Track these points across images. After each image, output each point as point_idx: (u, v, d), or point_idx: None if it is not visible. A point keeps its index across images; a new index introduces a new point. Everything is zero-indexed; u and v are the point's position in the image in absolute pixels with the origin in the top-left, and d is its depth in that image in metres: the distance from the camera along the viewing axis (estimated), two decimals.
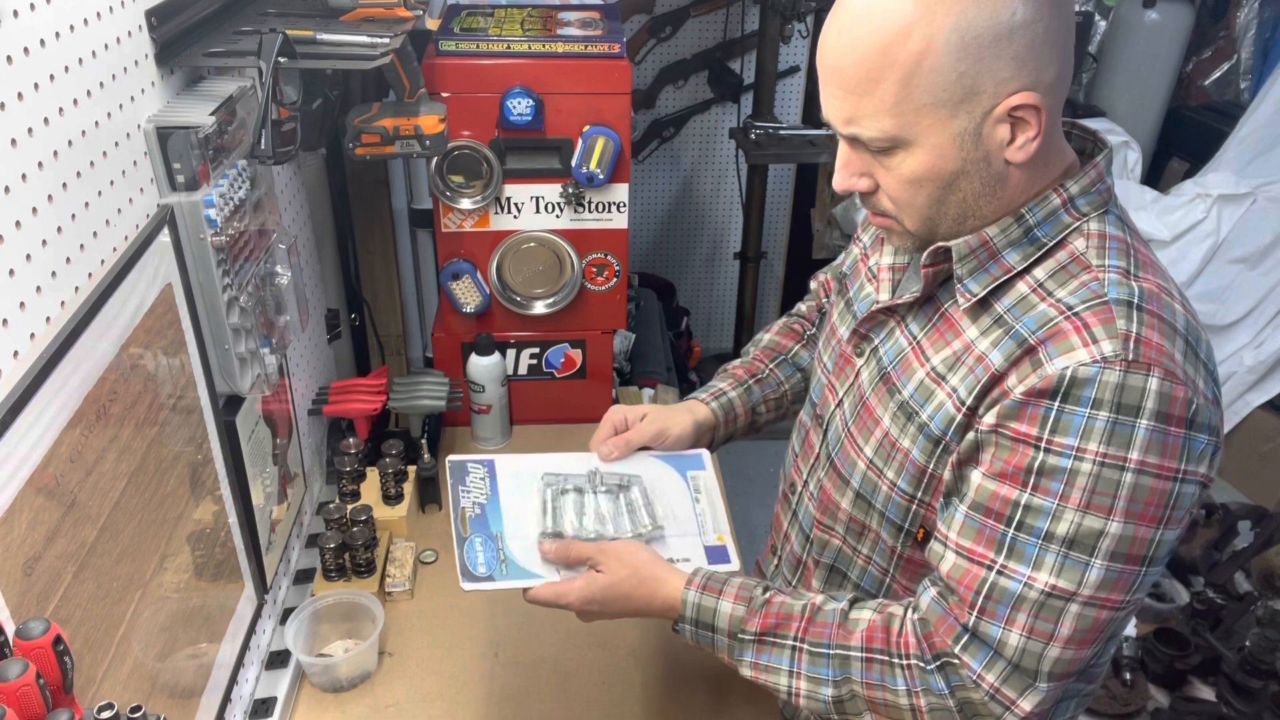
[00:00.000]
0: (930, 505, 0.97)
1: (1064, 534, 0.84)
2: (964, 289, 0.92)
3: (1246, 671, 2.20)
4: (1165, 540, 0.85)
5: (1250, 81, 3.51)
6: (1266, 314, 3.19)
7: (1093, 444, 0.82)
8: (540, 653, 1.48)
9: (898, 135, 0.85)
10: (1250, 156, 3.24)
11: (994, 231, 0.90)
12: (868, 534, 1.06)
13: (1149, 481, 0.82)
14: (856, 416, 1.04)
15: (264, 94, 1.13)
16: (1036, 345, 0.86)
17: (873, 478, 1.02)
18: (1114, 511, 0.83)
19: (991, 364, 0.89)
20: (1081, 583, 0.84)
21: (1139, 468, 0.82)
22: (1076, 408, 0.83)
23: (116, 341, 0.94)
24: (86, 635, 0.88)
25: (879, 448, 1.00)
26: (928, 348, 0.97)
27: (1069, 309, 0.86)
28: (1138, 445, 0.82)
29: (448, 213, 1.80)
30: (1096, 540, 0.83)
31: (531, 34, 1.78)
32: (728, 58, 3.40)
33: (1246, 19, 3.45)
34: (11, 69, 0.80)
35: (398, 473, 1.67)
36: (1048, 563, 0.85)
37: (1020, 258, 0.90)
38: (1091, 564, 0.84)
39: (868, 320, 1.05)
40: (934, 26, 0.80)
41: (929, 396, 0.95)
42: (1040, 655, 0.86)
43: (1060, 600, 0.85)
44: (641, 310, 2.85)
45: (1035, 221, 0.90)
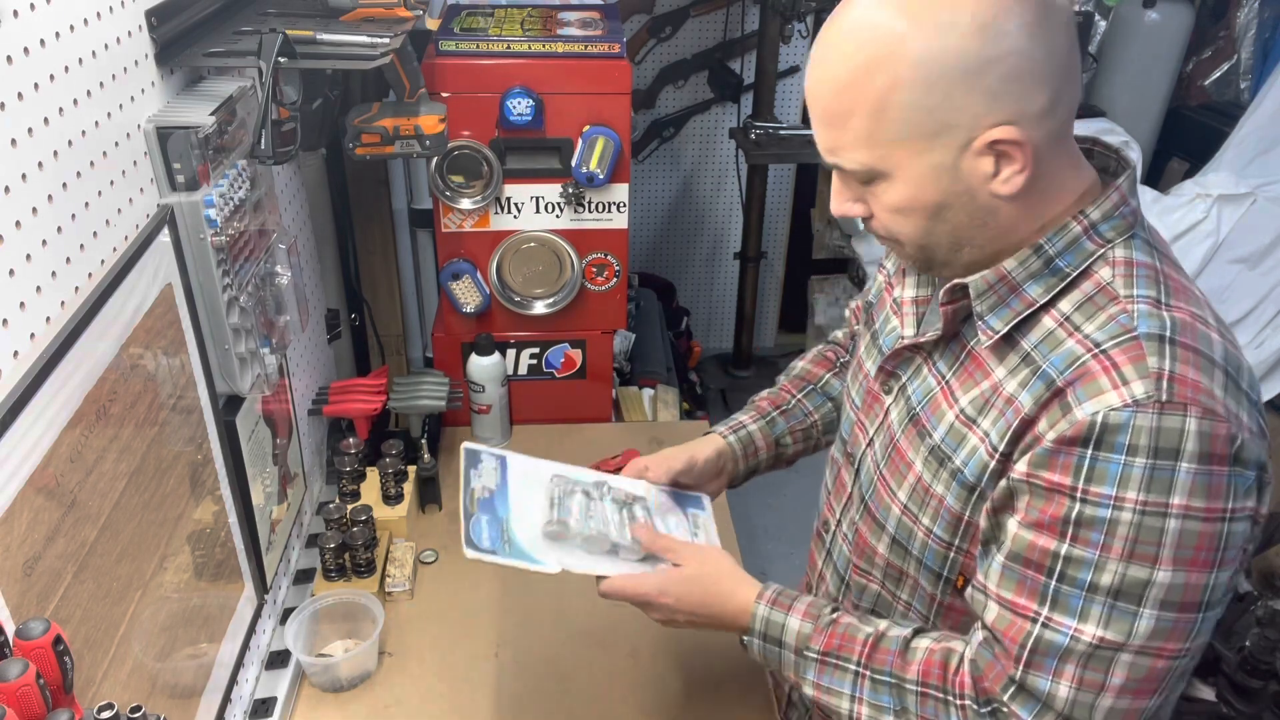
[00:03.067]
0: (969, 553, 0.94)
1: (1109, 585, 0.80)
2: (985, 326, 0.89)
3: (1246, 671, 2.20)
4: (1219, 583, 0.80)
5: (1250, 81, 3.51)
6: (1266, 314, 3.19)
7: (1131, 492, 0.78)
8: (540, 653, 1.48)
9: (874, 167, 0.85)
10: (1250, 156, 3.24)
11: (1012, 265, 0.87)
12: (906, 580, 1.02)
13: (1195, 526, 0.78)
14: (888, 459, 1.01)
15: (264, 94, 1.13)
16: (1065, 387, 0.82)
17: (908, 524, 0.98)
18: (1160, 560, 0.78)
19: (1022, 406, 0.85)
20: (1131, 634, 0.80)
21: (1183, 513, 0.78)
22: (1111, 454, 0.79)
23: (116, 341, 0.94)
24: (86, 635, 0.88)
25: (913, 493, 0.97)
26: (956, 388, 0.93)
27: (1097, 346, 0.82)
28: (1180, 490, 0.77)
29: (448, 213, 1.80)
30: (1144, 590, 0.79)
31: (531, 34, 1.78)
32: (728, 58, 3.41)
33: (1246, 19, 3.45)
34: (11, 69, 0.80)
35: (398, 473, 1.67)
36: (1094, 614, 0.81)
37: (1043, 290, 0.87)
38: (1141, 614, 0.80)
39: (894, 357, 1.02)
40: (901, 62, 0.79)
41: (961, 441, 0.91)
42: (1092, 706, 0.82)
43: (1110, 651, 0.81)
44: (641, 310, 2.85)
45: (1056, 252, 0.86)
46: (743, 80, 3.38)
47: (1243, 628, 2.33)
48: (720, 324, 3.96)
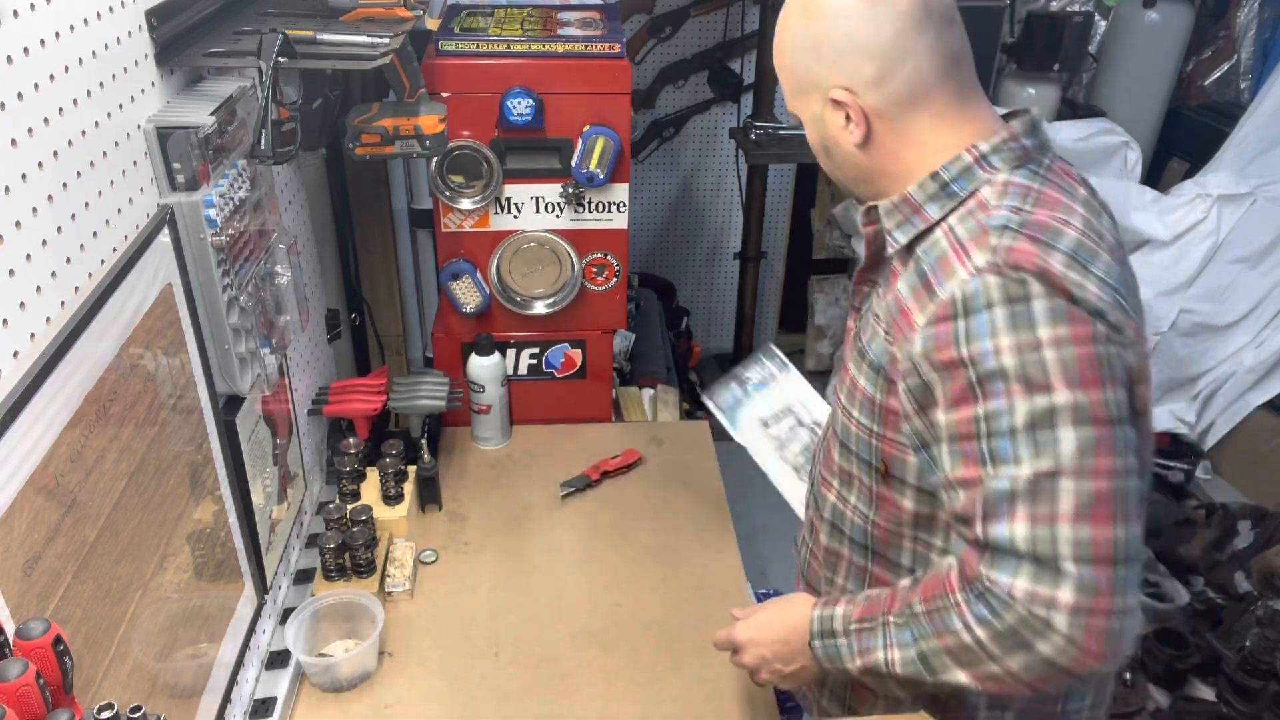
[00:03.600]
0: (885, 438, 1.06)
1: (1023, 422, 0.89)
2: (892, 239, 1.04)
3: (1246, 671, 2.20)
4: (1119, 400, 0.90)
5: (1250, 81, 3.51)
6: (1266, 314, 3.19)
7: (1003, 338, 0.90)
8: (540, 653, 1.48)
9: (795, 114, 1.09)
10: (1250, 156, 3.24)
11: (913, 189, 1.02)
12: (853, 481, 1.14)
13: (1070, 351, 0.89)
14: (842, 380, 1.16)
15: (264, 94, 1.13)
16: (930, 276, 0.97)
17: (847, 423, 1.12)
18: (1053, 386, 0.88)
19: (902, 297, 1.01)
20: (1059, 457, 0.88)
21: (1054, 342, 0.89)
22: (974, 316, 0.91)
23: (116, 341, 0.94)
24: (86, 635, 0.88)
25: (850, 394, 1.11)
26: (878, 298, 1.08)
27: (958, 241, 0.97)
28: (1041, 324, 0.89)
29: (448, 213, 1.80)
30: (1052, 415, 0.88)
31: (531, 34, 1.78)
32: (728, 58, 3.40)
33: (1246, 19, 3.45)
34: (11, 69, 0.80)
35: (398, 473, 1.67)
36: (1022, 453, 0.89)
37: (939, 209, 1.01)
38: (1058, 437, 0.88)
39: (854, 293, 1.18)
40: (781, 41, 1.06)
41: (873, 336, 1.06)
42: (1052, 539, 0.88)
43: (1048, 480, 0.88)
44: (641, 310, 2.86)
45: (950, 177, 1.00)
46: (743, 80, 3.38)
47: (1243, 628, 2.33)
48: (720, 324, 3.96)
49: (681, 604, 1.57)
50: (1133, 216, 3.22)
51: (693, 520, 1.76)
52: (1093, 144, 3.27)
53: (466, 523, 1.75)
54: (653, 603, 1.58)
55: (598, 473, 1.85)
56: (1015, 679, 0.92)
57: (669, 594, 1.59)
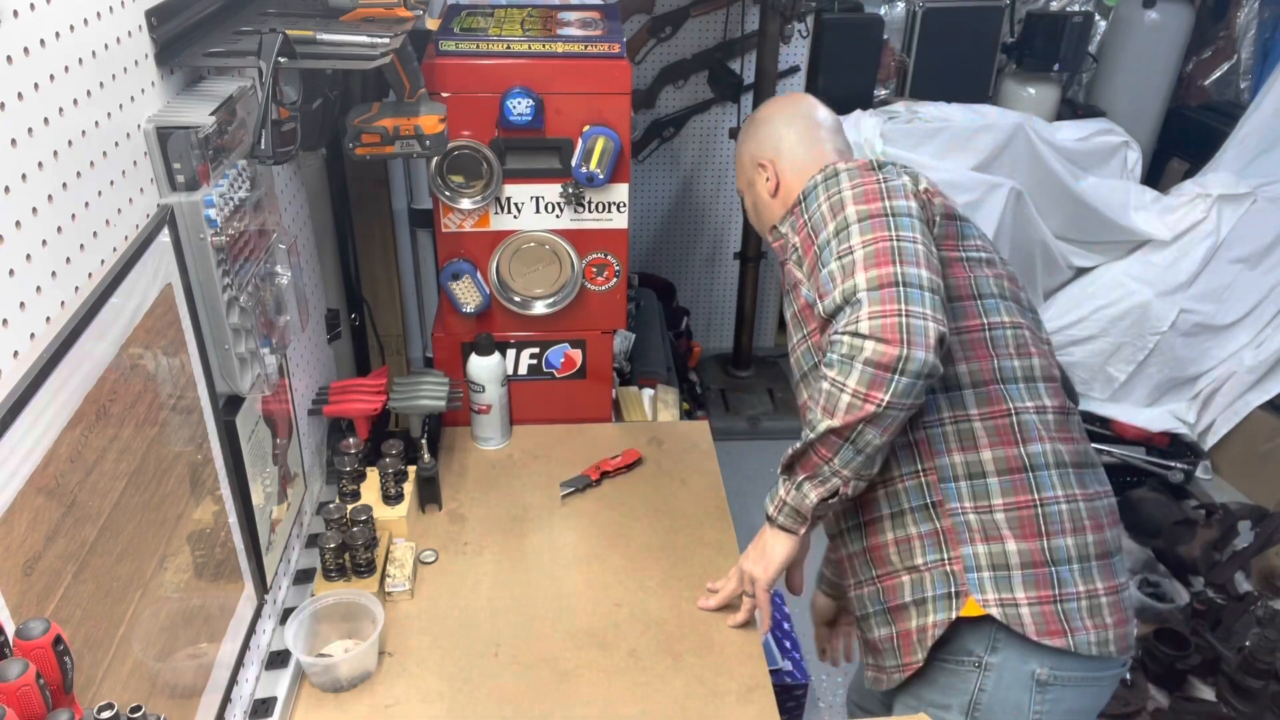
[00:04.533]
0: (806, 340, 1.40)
1: (831, 230, 1.30)
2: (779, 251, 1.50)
3: (1246, 671, 2.20)
4: (899, 204, 1.28)
5: (1250, 81, 3.51)
6: (1266, 314, 3.19)
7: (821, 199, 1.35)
8: (540, 653, 1.48)
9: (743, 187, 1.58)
10: (1250, 156, 3.24)
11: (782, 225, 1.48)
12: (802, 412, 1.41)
13: (859, 189, 1.31)
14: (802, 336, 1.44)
15: (264, 94, 1.13)
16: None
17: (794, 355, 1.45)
18: (844, 206, 1.30)
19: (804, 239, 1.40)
20: (849, 239, 1.27)
21: (849, 186, 1.32)
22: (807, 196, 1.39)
23: (116, 341, 0.94)
24: (86, 635, 0.88)
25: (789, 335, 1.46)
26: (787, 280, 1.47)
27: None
28: (844, 185, 1.33)
29: (448, 213, 1.80)
30: (846, 221, 1.29)
31: (531, 34, 1.78)
32: (728, 58, 3.41)
33: (1246, 19, 3.46)
34: (11, 69, 0.80)
35: (398, 473, 1.67)
36: (831, 248, 1.29)
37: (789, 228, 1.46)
38: (850, 231, 1.27)
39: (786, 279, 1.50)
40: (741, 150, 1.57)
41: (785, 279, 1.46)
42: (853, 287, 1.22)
43: (846, 255, 1.26)
44: (641, 310, 2.85)
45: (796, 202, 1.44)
46: (743, 80, 3.38)
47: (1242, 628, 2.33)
48: (720, 324, 3.96)
49: (681, 604, 1.57)
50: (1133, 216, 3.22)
51: (693, 520, 1.76)
52: (1093, 144, 3.27)
53: (466, 523, 1.75)
54: (653, 603, 1.58)
55: (598, 473, 1.85)
56: (858, 395, 1.20)
57: (669, 594, 1.59)
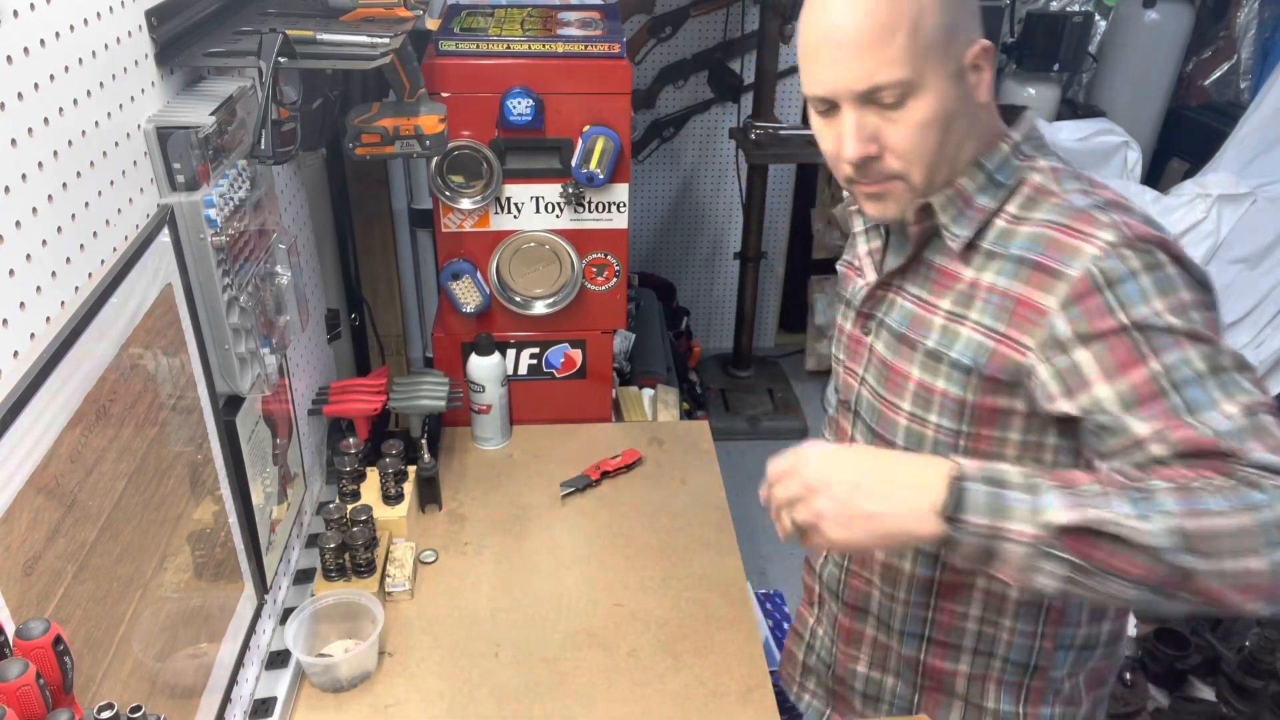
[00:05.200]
0: (976, 434, 1.04)
1: (1206, 368, 0.89)
2: (952, 235, 1.03)
3: (1246, 671, 2.20)
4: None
5: (1250, 81, 3.51)
6: (1266, 314, 3.19)
7: (1157, 302, 0.91)
8: (540, 653, 1.48)
9: (912, 80, 0.95)
10: (1250, 156, 3.24)
11: (964, 181, 1.02)
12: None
13: (1206, 314, 0.92)
14: (885, 381, 1.11)
15: (264, 94, 1.13)
16: (1040, 259, 0.97)
17: (916, 428, 1.08)
18: (1211, 337, 0.90)
19: (1000, 287, 1.00)
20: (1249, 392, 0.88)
21: (1196, 304, 0.92)
22: (1122, 285, 0.92)
23: (116, 341, 0.94)
24: (86, 635, 0.88)
25: (915, 398, 1.07)
26: (934, 300, 1.06)
27: (1053, 223, 0.98)
28: (1182, 287, 0.92)
29: (448, 213, 1.80)
30: (1220, 359, 0.89)
31: (531, 34, 1.78)
32: (728, 58, 3.41)
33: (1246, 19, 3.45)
34: (11, 69, 0.80)
35: (398, 473, 1.67)
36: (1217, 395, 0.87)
37: (991, 199, 1.02)
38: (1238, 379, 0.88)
39: (868, 300, 1.14)
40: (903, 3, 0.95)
41: (953, 336, 1.03)
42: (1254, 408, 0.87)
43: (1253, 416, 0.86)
44: (641, 310, 2.85)
45: (994, 168, 1.02)
46: (743, 80, 3.38)
47: (1242, 628, 2.33)
48: (720, 324, 3.96)
49: (681, 604, 1.57)
50: None
51: (693, 520, 1.76)
52: (1093, 144, 3.27)
53: (466, 523, 1.75)
54: (653, 603, 1.58)
55: (598, 473, 1.85)
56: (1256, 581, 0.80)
57: (669, 594, 1.59)
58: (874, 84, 0.95)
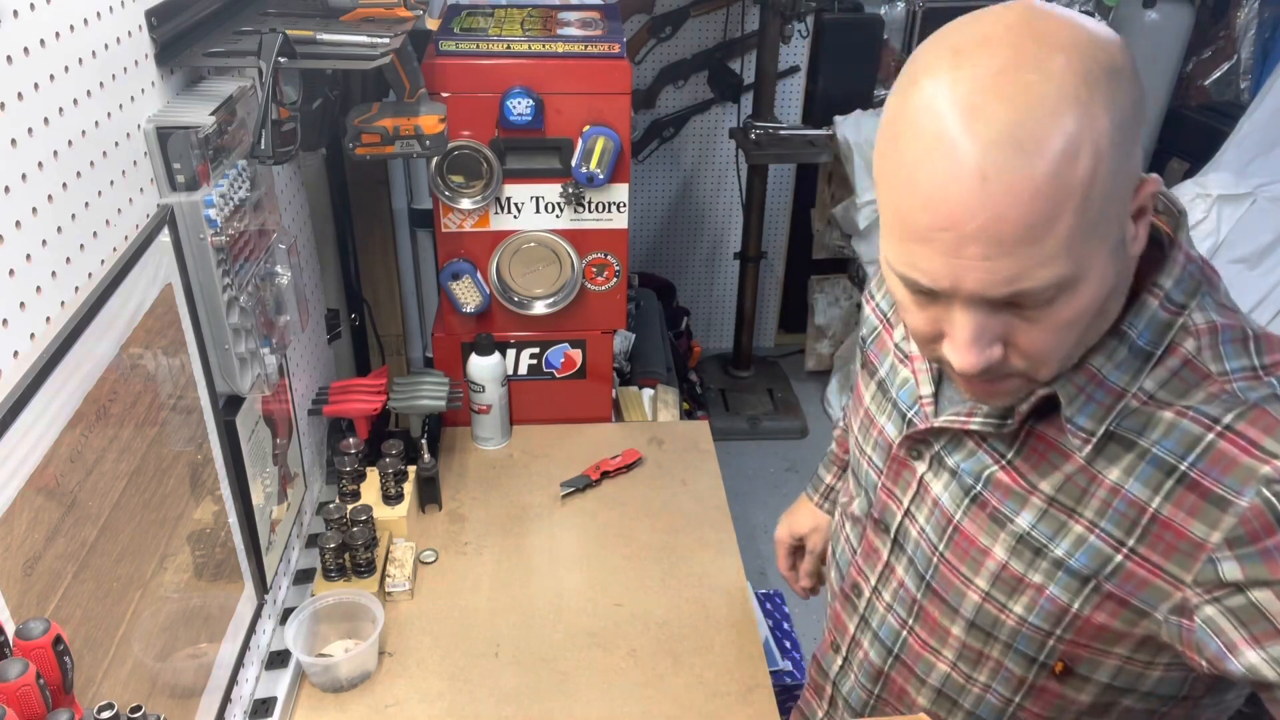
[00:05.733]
0: (1074, 642, 0.86)
1: None
2: (1075, 429, 0.80)
3: None
4: None
5: (1250, 81, 3.51)
6: (1266, 314, 3.19)
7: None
8: (540, 653, 1.48)
9: (1070, 276, 0.68)
10: (1250, 156, 3.24)
11: (1100, 361, 0.78)
12: (985, 662, 0.93)
13: None
14: (949, 543, 0.92)
15: (264, 94, 1.13)
16: (1198, 478, 0.75)
17: (992, 611, 0.90)
18: None
19: (1134, 496, 0.78)
20: None
21: None
22: None
23: (116, 341, 0.94)
24: (86, 635, 0.88)
25: (996, 581, 0.88)
26: (1028, 471, 0.85)
27: (1215, 422, 0.75)
28: None
29: (448, 213, 1.80)
30: None
31: (531, 34, 1.78)
32: (728, 58, 3.41)
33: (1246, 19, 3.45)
34: (11, 69, 0.80)
35: (398, 473, 1.67)
36: None
37: (1129, 377, 0.78)
38: None
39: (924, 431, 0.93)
40: (1097, 130, 0.65)
41: (1060, 530, 0.83)
42: None
43: None
44: (641, 310, 2.85)
45: (1136, 333, 0.77)
46: (743, 80, 3.39)
47: None
48: (720, 324, 3.96)
49: (681, 604, 1.57)
50: None
51: (693, 520, 1.76)
52: None
53: (466, 523, 1.75)
54: (653, 603, 1.58)
55: (598, 473, 1.85)
56: None
57: (669, 594, 1.59)
58: (1016, 290, 0.69)
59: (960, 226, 0.67)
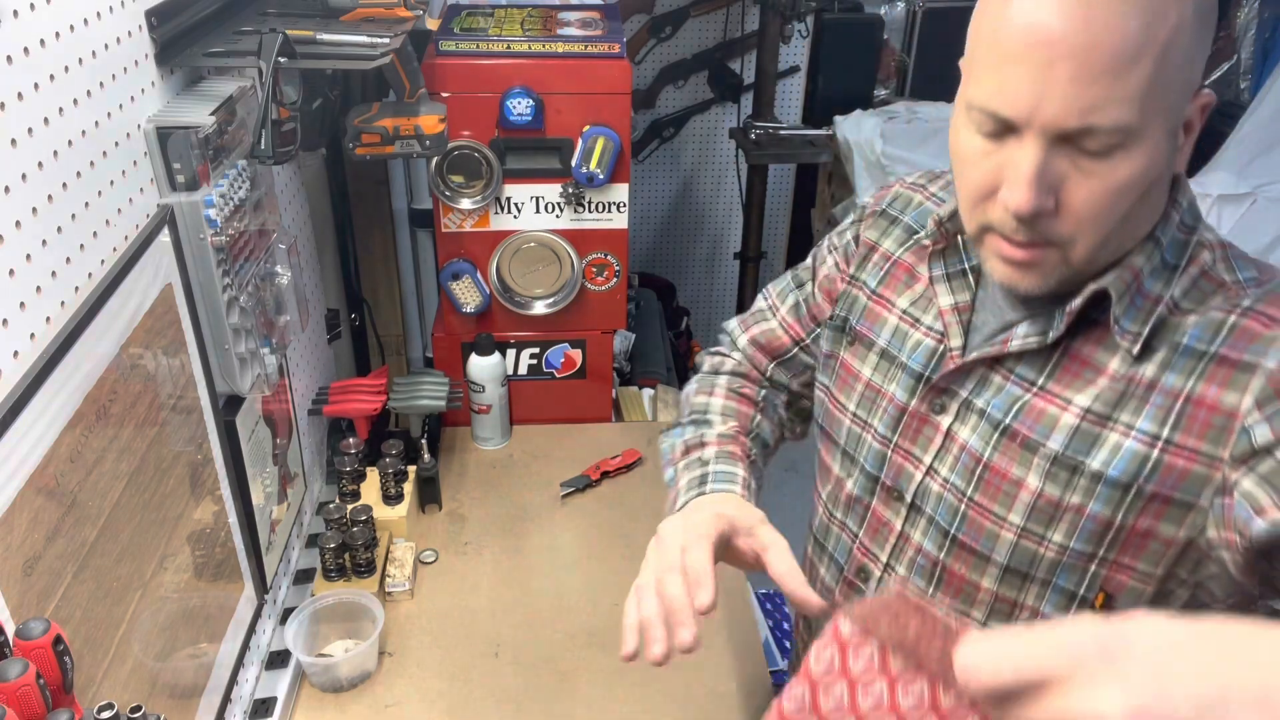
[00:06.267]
0: (1117, 563, 0.86)
1: None
2: (1122, 330, 0.83)
3: None
4: None
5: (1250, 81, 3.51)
6: None
7: None
8: (540, 653, 1.48)
9: (1135, 127, 0.73)
10: (1250, 156, 3.23)
11: (1140, 261, 0.83)
12: (1021, 612, 0.93)
13: None
14: (979, 484, 0.91)
15: (264, 94, 1.13)
16: (1226, 353, 0.80)
17: (1030, 546, 0.89)
18: None
19: (1170, 387, 0.81)
20: None
21: None
22: None
23: (116, 341, 0.94)
24: (86, 635, 0.88)
25: (1034, 513, 0.88)
26: (1061, 390, 0.87)
27: (1235, 308, 0.81)
28: None
29: (448, 213, 1.80)
30: None
31: (531, 34, 1.78)
32: (728, 58, 3.40)
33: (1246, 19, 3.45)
34: (11, 69, 0.80)
35: (398, 473, 1.67)
36: None
37: (1162, 285, 0.83)
38: None
39: (956, 373, 0.93)
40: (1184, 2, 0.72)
41: (1095, 441, 0.85)
42: None
43: None
44: (641, 310, 2.85)
45: (1166, 244, 0.84)
46: (743, 80, 3.38)
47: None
48: (720, 324, 3.96)
49: None
50: None
51: None
52: None
53: (466, 523, 1.75)
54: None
55: (598, 473, 1.85)
56: None
57: None
58: (1089, 123, 0.72)
59: (1055, 45, 0.71)
